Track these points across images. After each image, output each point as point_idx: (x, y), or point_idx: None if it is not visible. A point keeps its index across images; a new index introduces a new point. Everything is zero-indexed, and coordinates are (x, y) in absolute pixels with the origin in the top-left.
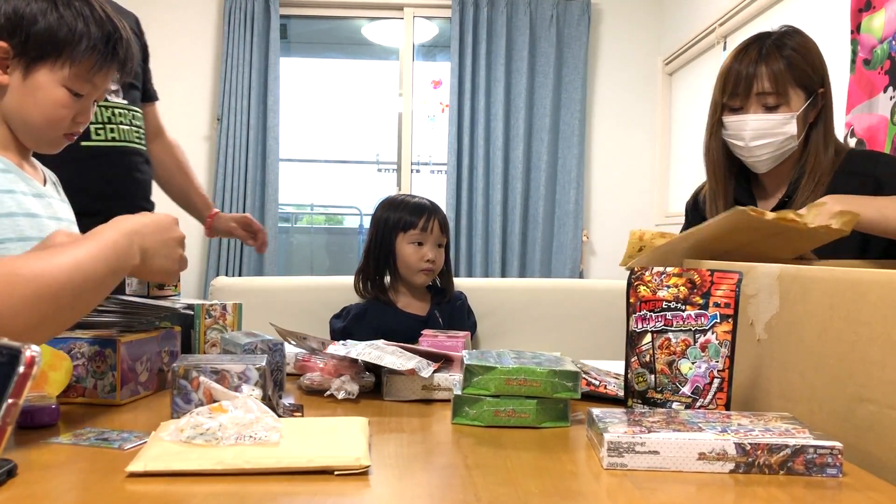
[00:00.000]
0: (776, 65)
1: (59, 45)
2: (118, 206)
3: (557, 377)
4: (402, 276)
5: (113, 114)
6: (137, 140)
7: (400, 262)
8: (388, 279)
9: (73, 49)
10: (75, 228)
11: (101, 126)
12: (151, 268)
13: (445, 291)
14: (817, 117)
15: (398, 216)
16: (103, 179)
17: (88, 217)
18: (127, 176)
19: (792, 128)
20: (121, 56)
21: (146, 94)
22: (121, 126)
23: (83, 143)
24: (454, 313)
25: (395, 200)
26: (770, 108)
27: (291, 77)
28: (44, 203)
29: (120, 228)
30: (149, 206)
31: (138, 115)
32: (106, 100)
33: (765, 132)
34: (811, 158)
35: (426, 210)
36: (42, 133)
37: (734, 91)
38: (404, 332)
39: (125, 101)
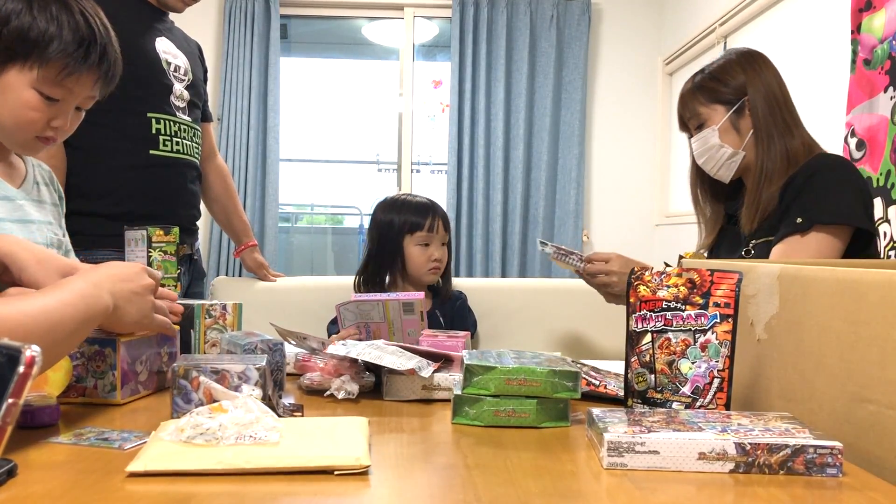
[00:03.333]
0: (684, 93)
1: (28, 46)
2: (174, 212)
3: (557, 377)
4: (411, 277)
5: (179, 128)
6: (196, 155)
7: (409, 263)
8: (388, 279)
9: (41, 52)
10: (47, 229)
11: (168, 138)
12: (126, 315)
13: (445, 290)
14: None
15: (403, 218)
16: (165, 186)
17: (151, 219)
18: (184, 187)
19: (714, 139)
20: (93, 61)
21: (203, 115)
22: (184, 141)
23: (152, 152)
24: (455, 313)
25: (396, 202)
26: (699, 129)
27: (291, 77)
28: (12, 206)
29: (88, 278)
30: (197, 214)
31: (199, 133)
32: (175, 115)
33: (701, 150)
34: (750, 163)
35: (430, 211)
36: (12, 134)
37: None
38: None
39: (189, 119)
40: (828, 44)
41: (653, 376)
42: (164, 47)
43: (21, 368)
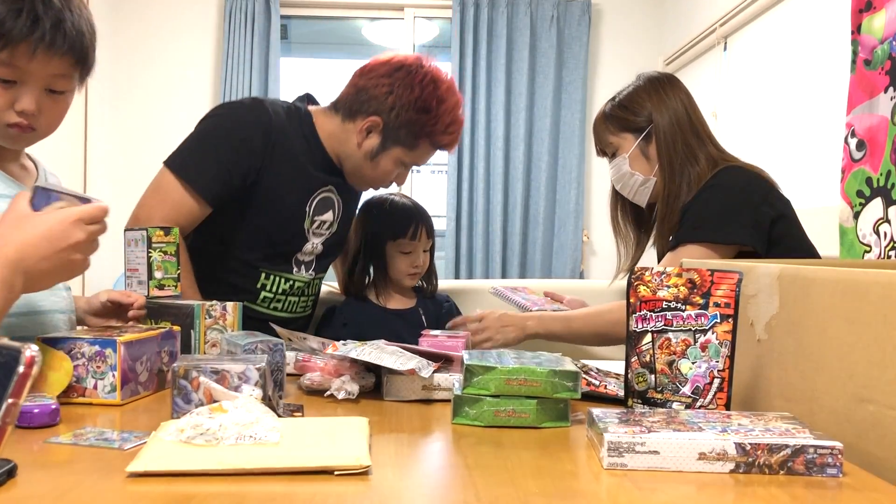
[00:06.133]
0: (596, 122)
1: None
2: None
3: (557, 377)
4: (391, 280)
5: (291, 286)
6: (300, 311)
7: (390, 268)
8: (372, 280)
9: None
10: None
11: (270, 295)
12: (40, 287)
13: (427, 288)
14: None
15: (387, 225)
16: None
17: None
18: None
19: (626, 167)
20: (39, 35)
21: None
22: (289, 297)
23: (245, 303)
24: (441, 315)
25: (381, 206)
26: (613, 157)
27: (292, 77)
28: None
29: (3, 259)
30: None
31: (316, 283)
32: (290, 272)
33: (616, 177)
34: (659, 187)
35: (413, 219)
36: None
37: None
38: (389, 326)
39: (309, 274)
40: (828, 44)
41: (653, 376)
42: (320, 203)
43: (21, 368)
